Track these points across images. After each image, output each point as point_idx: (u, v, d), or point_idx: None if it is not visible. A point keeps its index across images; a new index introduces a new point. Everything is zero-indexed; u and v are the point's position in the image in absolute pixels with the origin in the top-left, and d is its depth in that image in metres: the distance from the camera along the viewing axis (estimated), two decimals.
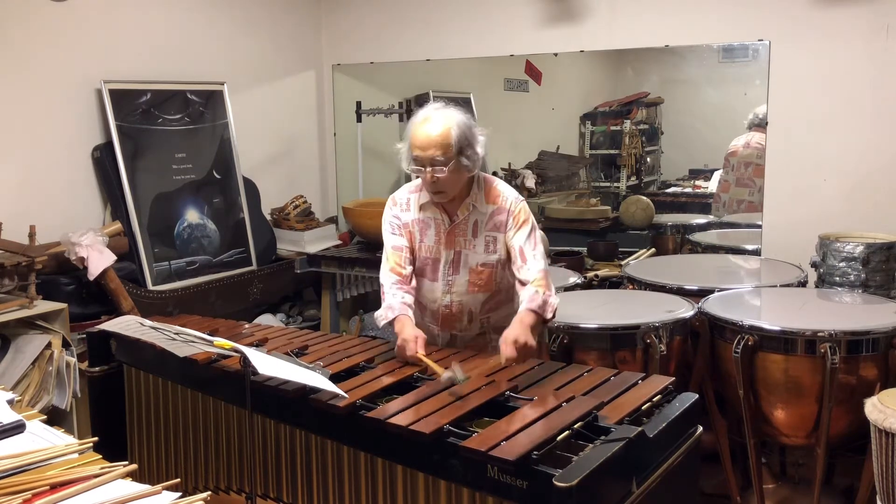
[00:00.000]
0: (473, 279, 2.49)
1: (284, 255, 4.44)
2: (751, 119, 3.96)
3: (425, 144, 2.33)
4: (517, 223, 2.45)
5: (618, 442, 1.66)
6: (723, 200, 4.14)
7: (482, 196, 2.48)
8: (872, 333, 2.52)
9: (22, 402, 2.84)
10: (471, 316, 2.54)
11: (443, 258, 2.50)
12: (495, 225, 2.46)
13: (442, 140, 2.32)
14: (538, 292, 2.35)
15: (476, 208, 2.47)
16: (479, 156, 2.41)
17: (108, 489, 1.56)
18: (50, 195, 3.58)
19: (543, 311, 2.34)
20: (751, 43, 3.68)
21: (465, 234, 2.48)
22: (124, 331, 2.38)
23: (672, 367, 2.75)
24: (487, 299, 2.53)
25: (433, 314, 2.57)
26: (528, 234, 2.44)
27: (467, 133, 2.37)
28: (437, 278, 2.52)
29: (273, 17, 4.66)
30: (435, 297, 2.53)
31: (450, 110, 2.39)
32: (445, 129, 2.33)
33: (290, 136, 4.85)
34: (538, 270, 2.39)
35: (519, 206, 2.47)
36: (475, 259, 2.48)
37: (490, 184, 2.51)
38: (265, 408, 2.19)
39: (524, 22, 4.23)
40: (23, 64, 3.48)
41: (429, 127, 2.34)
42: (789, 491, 3.02)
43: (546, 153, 4.72)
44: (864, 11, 3.39)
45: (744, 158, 4.02)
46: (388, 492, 1.93)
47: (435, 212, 2.50)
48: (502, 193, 2.50)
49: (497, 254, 2.47)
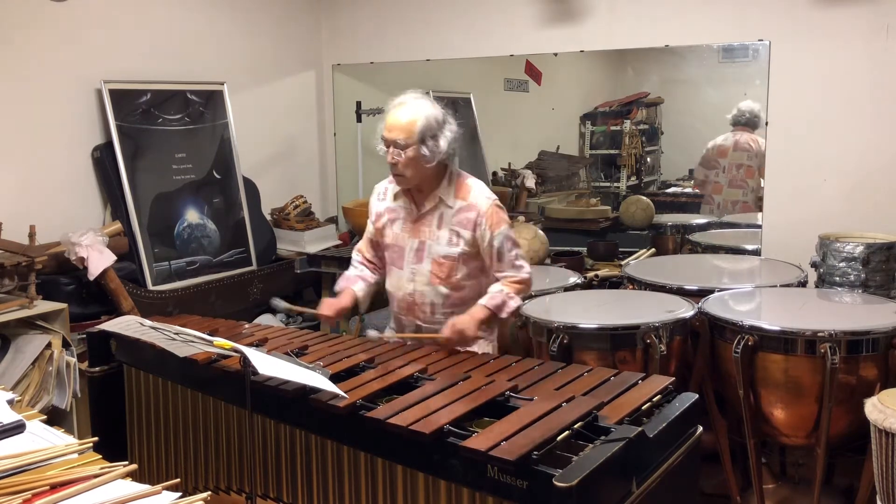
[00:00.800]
0: (435, 270, 2.57)
1: (284, 255, 4.44)
2: (735, 115, 3.98)
3: (392, 126, 2.47)
4: (490, 225, 2.51)
5: (618, 442, 1.66)
6: (716, 202, 4.16)
7: (452, 191, 2.57)
8: (872, 333, 2.52)
9: (22, 402, 2.84)
10: (433, 308, 2.61)
11: (407, 246, 2.62)
12: (461, 221, 2.54)
13: (407, 125, 2.45)
14: (502, 291, 2.50)
15: (443, 201, 2.56)
16: (442, 149, 2.49)
17: (108, 489, 1.56)
18: (50, 195, 3.58)
19: (499, 311, 2.48)
20: (751, 43, 3.68)
21: (430, 224, 2.58)
22: (124, 331, 2.38)
23: (672, 367, 2.75)
24: (450, 293, 2.59)
25: (399, 302, 2.68)
26: (502, 238, 2.52)
27: (433, 125, 2.48)
28: (402, 266, 2.64)
29: (273, 17, 4.66)
30: (400, 284, 2.65)
31: (424, 101, 2.52)
32: (414, 116, 2.46)
33: (290, 136, 4.85)
34: (517, 275, 2.53)
35: (492, 208, 2.53)
36: (438, 250, 2.56)
37: (463, 180, 2.60)
38: (265, 408, 2.19)
39: (524, 22, 4.23)
40: (23, 64, 3.48)
41: (400, 111, 2.49)
42: (789, 491, 3.02)
43: (546, 153, 4.72)
44: (864, 11, 3.38)
45: (734, 160, 4.04)
46: (388, 492, 1.93)
47: (405, 201, 2.63)
48: (473, 191, 2.57)
49: (459, 248, 2.54)
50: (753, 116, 3.90)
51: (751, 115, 3.91)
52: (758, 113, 3.85)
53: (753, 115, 3.89)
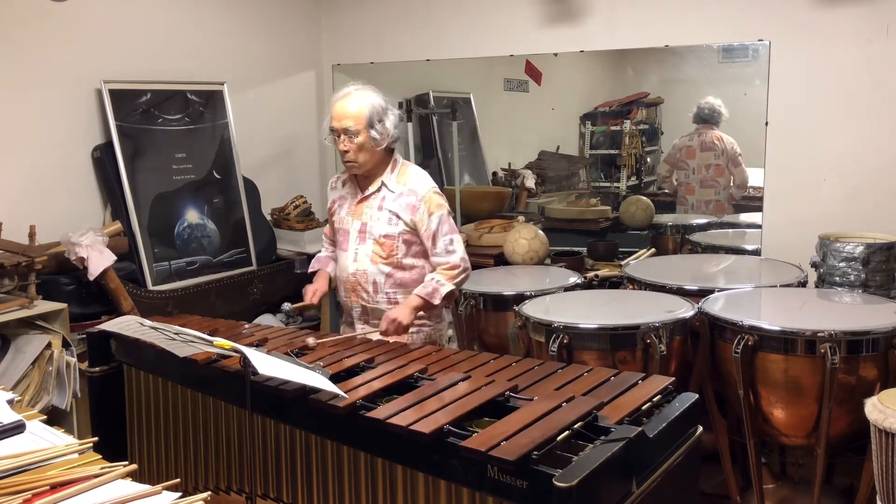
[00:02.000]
0: (377, 249, 2.75)
1: (284, 255, 4.44)
2: (696, 112, 4.00)
3: (340, 115, 2.66)
4: (429, 208, 2.71)
5: (618, 442, 1.66)
6: (689, 203, 4.19)
7: (394, 177, 2.77)
8: (872, 333, 2.52)
9: (22, 402, 2.84)
10: (375, 286, 2.77)
11: (351, 227, 2.80)
12: (401, 205, 2.72)
13: (356, 113, 2.65)
14: (433, 279, 2.69)
15: (386, 185, 2.76)
16: (389, 131, 2.70)
17: (108, 489, 1.56)
18: (50, 195, 3.58)
19: (431, 298, 2.66)
20: (751, 43, 3.68)
21: (371, 207, 2.77)
22: (124, 331, 2.38)
23: (672, 367, 2.74)
24: (392, 271, 2.76)
25: (343, 283, 2.85)
26: (438, 221, 2.70)
27: (379, 110, 2.68)
28: (347, 248, 2.81)
29: (273, 17, 4.66)
30: (345, 265, 2.81)
31: (367, 90, 2.71)
32: (360, 103, 2.66)
33: (290, 136, 4.85)
34: (448, 261, 2.70)
35: (430, 193, 2.72)
36: (378, 230, 2.74)
37: (406, 168, 2.81)
38: (265, 408, 2.19)
39: (524, 22, 4.24)
40: (23, 64, 3.48)
41: (346, 101, 2.67)
42: (789, 491, 3.02)
43: (546, 153, 4.72)
44: (864, 11, 3.39)
45: (703, 161, 4.06)
46: (388, 492, 1.93)
47: (351, 186, 2.85)
48: (414, 178, 2.77)
49: (399, 227, 2.72)
50: (715, 112, 3.92)
51: (712, 111, 3.93)
52: (719, 109, 3.88)
53: (715, 111, 3.92)
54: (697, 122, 4.06)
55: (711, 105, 3.92)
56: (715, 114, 3.93)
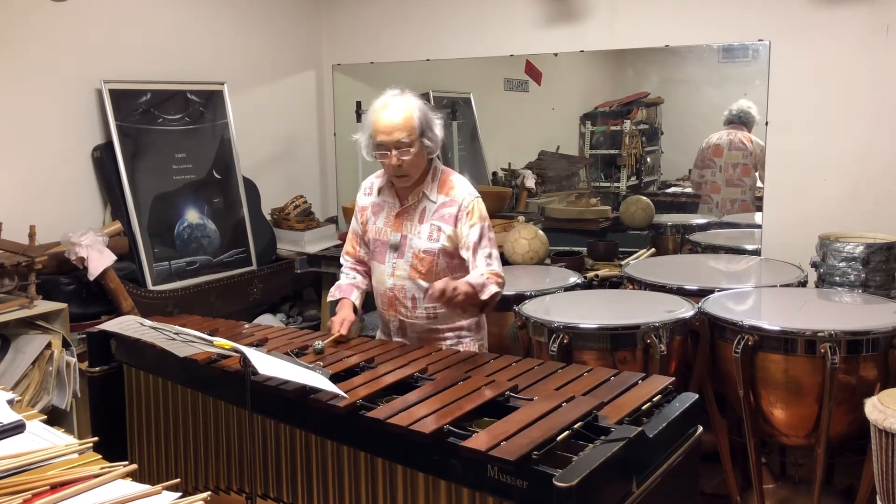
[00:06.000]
0: (415, 264, 2.58)
1: (284, 255, 4.44)
2: (727, 115, 3.99)
3: (390, 129, 2.43)
4: (470, 220, 2.53)
5: (618, 442, 1.66)
6: (715, 201, 4.17)
7: (435, 186, 2.58)
8: (872, 333, 2.52)
9: (22, 402, 2.84)
10: (414, 302, 2.61)
11: (389, 240, 2.62)
12: (443, 216, 2.55)
13: (405, 123, 2.43)
14: (483, 275, 2.45)
15: (426, 196, 2.58)
16: (439, 137, 2.51)
17: (108, 489, 1.56)
18: (50, 195, 3.58)
19: (480, 291, 2.40)
20: (751, 43, 3.68)
21: (411, 218, 2.59)
22: (124, 331, 2.37)
23: (672, 367, 2.74)
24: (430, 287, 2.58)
25: (381, 296, 2.69)
26: (479, 233, 2.52)
27: (427, 115, 2.49)
28: (384, 261, 2.64)
29: (273, 17, 4.66)
30: (382, 279, 2.65)
31: (407, 95, 2.50)
32: (408, 112, 2.45)
33: (290, 136, 4.85)
34: (490, 270, 2.49)
35: (472, 202, 2.55)
36: (418, 244, 2.57)
37: (447, 176, 2.61)
38: (265, 408, 2.19)
39: (524, 22, 4.23)
40: (23, 64, 3.48)
41: (391, 112, 2.45)
42: (789, 491, 3.02)
43: (546, 153, 4.72)
44: (864, 11, 3.38)
45: (730, 159, 4.05)
46: (388, 492, 1.93)
47: (389, 196, 2.64)
48: (456, 187, 2.58)
49: (440, 243, 2.55)
50: (747, 115, 3.91)
51: (744, 114, 3.92)
52: (750, 111, 3.86)
53: (746, 113, 3.91)
54: (728, 123, 4.02)
55: (742, 107, 3.90)
56: (747, 116, 3.90)
